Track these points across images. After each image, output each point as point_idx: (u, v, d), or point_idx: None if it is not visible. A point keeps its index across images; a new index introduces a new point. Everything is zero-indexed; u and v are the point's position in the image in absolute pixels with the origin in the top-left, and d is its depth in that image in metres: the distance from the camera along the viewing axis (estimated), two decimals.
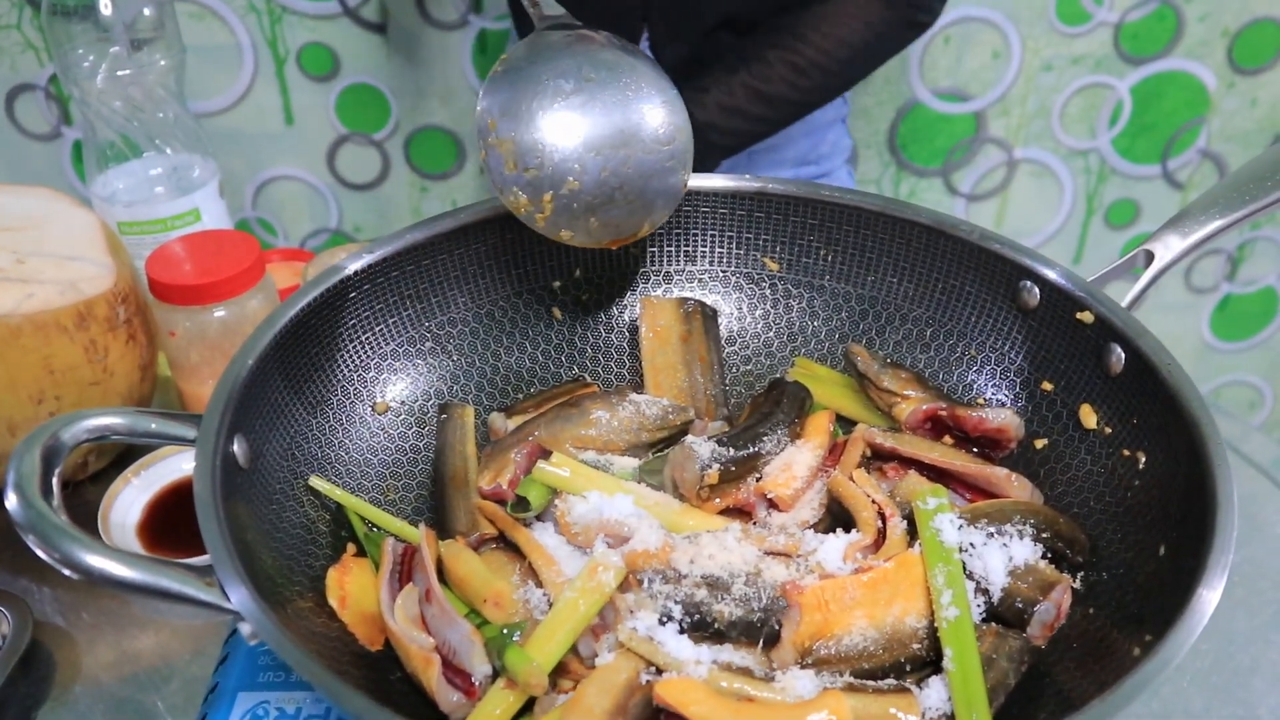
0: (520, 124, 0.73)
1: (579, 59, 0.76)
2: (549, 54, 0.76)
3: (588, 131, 0.74)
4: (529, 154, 0.73)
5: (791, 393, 0.78)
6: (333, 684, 0.51)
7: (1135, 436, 0.70)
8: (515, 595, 0.65)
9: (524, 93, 0.74)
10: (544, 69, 0.75)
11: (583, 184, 0.74)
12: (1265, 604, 0.81)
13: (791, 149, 1.29)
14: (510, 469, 0.72)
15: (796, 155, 1.29)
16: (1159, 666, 0.52)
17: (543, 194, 0.73)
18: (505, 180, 0.73)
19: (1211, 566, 0.56)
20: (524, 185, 0.73)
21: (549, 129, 0.74)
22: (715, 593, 0.62)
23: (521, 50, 0.76)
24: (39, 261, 0.85)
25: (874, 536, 0.67)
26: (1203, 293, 2.01)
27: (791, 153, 1.29)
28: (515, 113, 0.73)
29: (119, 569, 0.54)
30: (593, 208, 0.75)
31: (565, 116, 0.74)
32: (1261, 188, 0.75)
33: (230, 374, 0.66)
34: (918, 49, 1.71)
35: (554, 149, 0.73)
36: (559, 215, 0.74)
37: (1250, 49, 1.76)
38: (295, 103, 1.70)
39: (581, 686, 0.58)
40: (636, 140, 0.75)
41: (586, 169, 0.74)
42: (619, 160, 0.75)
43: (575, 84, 0.75)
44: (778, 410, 0.76)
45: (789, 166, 1.30)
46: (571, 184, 0.74)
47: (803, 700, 0.57)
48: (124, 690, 0.75)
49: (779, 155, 1.28)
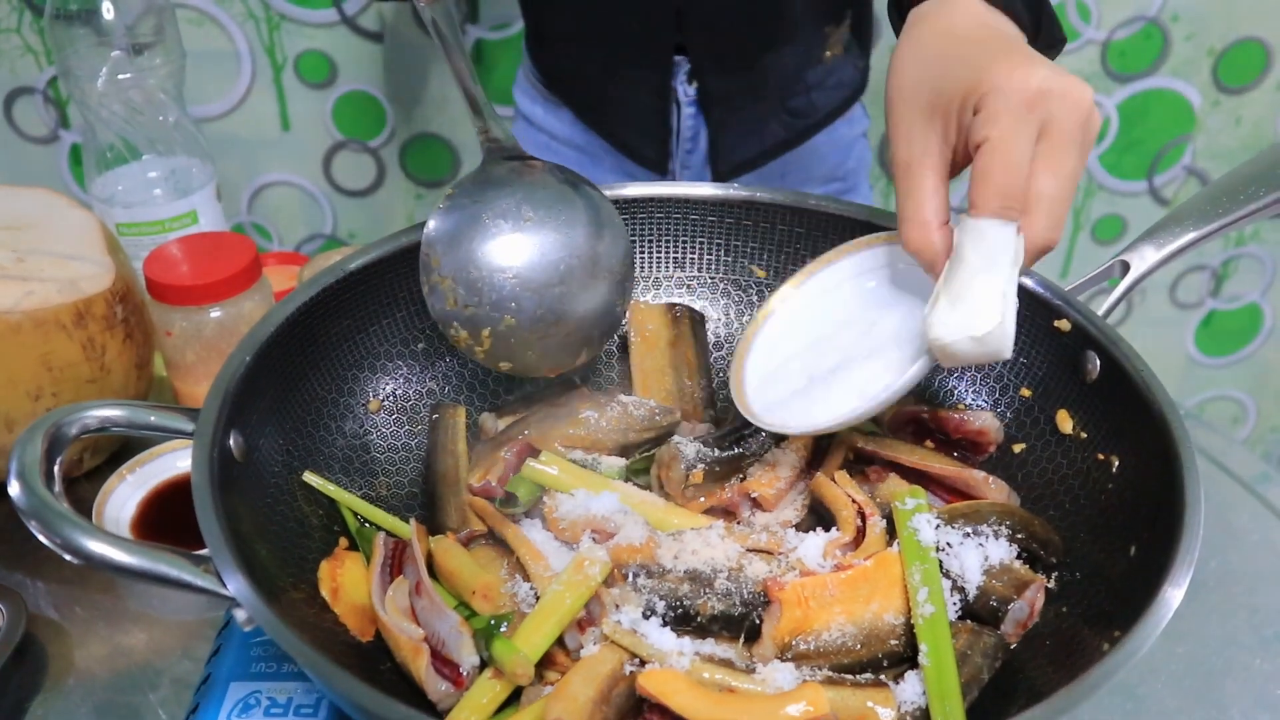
0: (460, 263, 0.76)
1: (519, 197, 0.78)
2: (492, 191, 0.78)
3: (523, 271, 0.77)
4: (468, 292, 0.76)
5: None
6: (327, 668, 0.52)
7: (1109, 441, 0.72)
8: (503, 588, 0.66)
9: (464, 232, 0.77)
10: (485, 208, 0.78)
11: (519, 321, 0.77)
12: (1237, 609, 0.82)
13: (820, 166, 1.29)
14: (500, 467, 0.73)
15: (825, 172, 1.29)
16: (1124, 659, 0.53)
17: (481, 330, 0.76)
18: (446, 315, 0.76)
19: (1177, 565, 0.57)
20: (463, 321, 0.76)
21: (486, 269, 0.77)
22: (698, 587, 0.64)
23: (467, 184, 0.79)
24: (38, 260, 0.86)
25: (853, 535, 0.68)
26: (1187, 308, 2.04)
27: (820, 170, 1.29)
28: (455, 252, 0.76)
29: (118, 554, 0.55)
30: (529, 343, 0.78)
31: (502, 256, 0.77)
32: (1235, 201, 0.77)
33: (228, 369, 0.67)
34: None
35: (491, 288, 0.76)
36: (497, 349, 0.77)
37: (1235, 68, 1.79)
38: (292, 109, 1.72)
39: (566, 676, 0.60)
40: (573, 278, 0.78)
41: (523, 307, 0.77)
42: (554, 298, 0.78)
43: (514, 224, 0.78)
44: None
45: (818, 184, 1.30)
46: (508, 320, 0.77)
47: (782, 691, 0.59)
48: (117, 683, 0.76)
49: (808, 173, 1.28)
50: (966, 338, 0.61)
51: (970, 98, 0.63)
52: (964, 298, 0.62)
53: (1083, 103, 0.62)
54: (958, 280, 0.63)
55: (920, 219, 0.65)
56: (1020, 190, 0.61)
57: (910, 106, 0.66)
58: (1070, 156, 0.62)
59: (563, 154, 1.28)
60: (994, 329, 0.61)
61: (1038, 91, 0.61)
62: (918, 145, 0.66)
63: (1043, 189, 0.61)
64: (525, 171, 0.80)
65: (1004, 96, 0.61)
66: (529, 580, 0.67)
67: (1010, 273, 0.62)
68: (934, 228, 0.65)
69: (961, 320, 0.62)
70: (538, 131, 1.31)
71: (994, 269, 0.62)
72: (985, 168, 0.62)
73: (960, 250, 0.63)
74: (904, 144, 0.67)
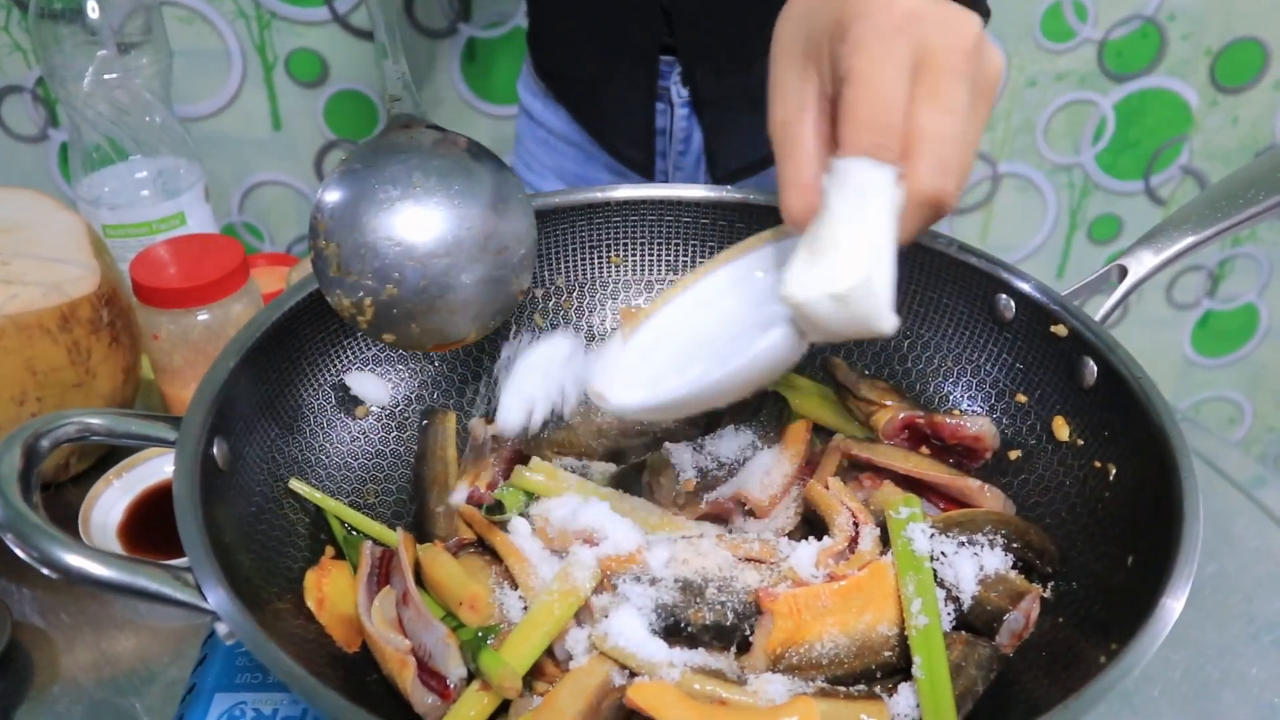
0: (345, 229, 0.74)
1: (411, 165, 0.76)
2: (384, 158, 0.76)
3: (407, 240, 0.74)
4: (351, 259, 0.74)
5: (770, 402, 0.79)
6: (308, 683, 0.51)
7: (1106, 449, 0.71)
8: (491, 598, 0.66)
9: (352, 198, 0.74)
10: (375, 174, 0.75)
11: (401, 291, 0.74)
12: (1235, 617, 0.82)
13: None
14: (488, 473, 0.72)
15: None
16: (1121, 673, 0.53)
17: (363, 299, 0.74)
18: (329, 283, 0.73)
19: (1176, 577, 0.56)
20: (345, 289, 0.73)
21: (370, 236, 0.74)
22: (689, 597, 0.63)
23: (361, 151, 0.76)
24: (23, 263, 0.85)
25: (846, 542, 0.68)
26: (1184, 309, 2.03)
27: None
28: (342, 218, 0.74)
29: (97, 568, 0.54)
30: (413, 314, 0.75)
31: (386, 224, 0.74)
32: (1234, 205, 0.76)
33: (211, 377, 0.66)
34: None
35: (374, 255, 0.74)
36: (380, 320, 0.74)
37: (1232, 68, 1.78)
38: (283, 108, 1.71)
39: (554, 689, 0.59)
40: (461, 250, 0.75)
41: (406, 277, 0.74)
42: (439, 269, 0.75)
43: (402, 191, 0.75)
44: (755, 420, 0.77)
45: None
46: (390, 290, 0.74)
47: (774, 705, 0.58)
48: (102, 691, 0.75)
49: None
50: (825, 296, 0.52)
51: (837, 32, 0.55)
52: (825, 251, 0.53)
53: (965, 32, 0.54)
54: (822, 233, 0.54)
55: (800, 183, 0.56)
56: (893, 125, 0.53)
57: (785, 59, 0.59)
58: (956, 91, 0.54)
59: (561, 150, 1.28)
60: (857, 285, 0.52)
61: (906, 14, 0.54)
62: (793, 100, 0.58)
63: (925, 126, 0.53)
64: (426, 139, 0.77)
65: (870, 21, 0.54)
66: (517, 589, 0.66)
67: (883, 222, 0.53)
68: (816, 192, 0.56)
69: (820, 276, 0.53)
70: (537, 126, 1.30)
71: (862, 218, 0.53)
72: (851, 101, 0.53)
73: (826, 199, 0.54)
74: (779, 101, 0.58)
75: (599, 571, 0.64)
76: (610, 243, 0.87)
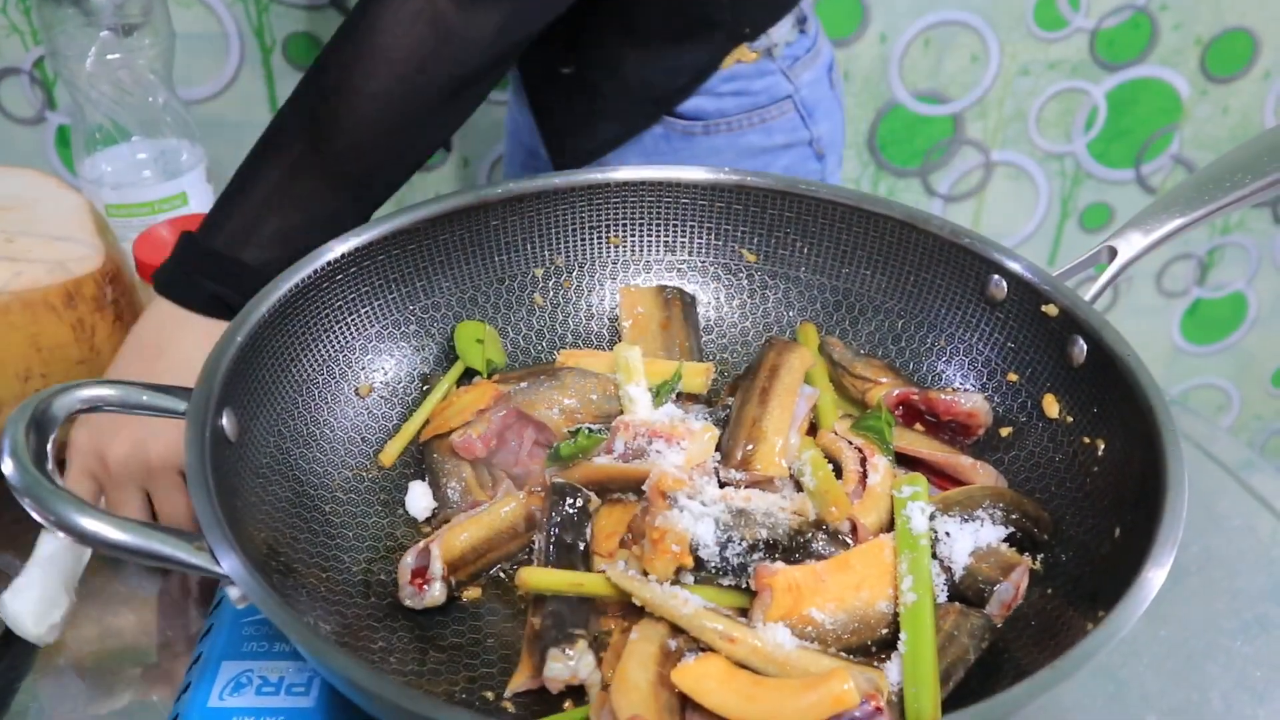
0: None
1: None
2: None
3: None
4: None
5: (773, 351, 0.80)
6: (318, 643, 0.53)
7: (1095, 425, 0.72)
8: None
9: None
10: None
11: None
12: (1219, 593, 0.83)
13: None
14: (484, 425, 0.74)
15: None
16: (1106, 638, 0.54)
17: None
18: None
19: (1161, 544, 0.58)
20: None
21: None
22: (740, 518, 0.65)
23: None
24: (27, 241, 0.86)
25: (856, 480, 0.70)
26: (1173, 296, 2.05)
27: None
28: None
29: (112, 532, 0.55)
30: None
31: None
32: (1222, 188, 0.78)
33: (220, 349, 0.67)
34: (898, 51, 1.73)
35: None
36: None
37: (1222, 58, 1.80)
38: (281, 91, 1.71)
39: (620, 664, 0.60)
40: None
41: None
42: None
43: None
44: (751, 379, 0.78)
45: None
46: None
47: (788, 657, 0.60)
48: (107, 664, 0.76)
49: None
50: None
51: None
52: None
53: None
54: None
55: None
56: None
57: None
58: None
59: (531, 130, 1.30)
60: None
61: None
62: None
63: None
64: None
65: None
66: None
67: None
68: None
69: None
70: (513, 116, 1.35)
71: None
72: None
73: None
74: None
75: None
76: (610, 223, 0.88)
